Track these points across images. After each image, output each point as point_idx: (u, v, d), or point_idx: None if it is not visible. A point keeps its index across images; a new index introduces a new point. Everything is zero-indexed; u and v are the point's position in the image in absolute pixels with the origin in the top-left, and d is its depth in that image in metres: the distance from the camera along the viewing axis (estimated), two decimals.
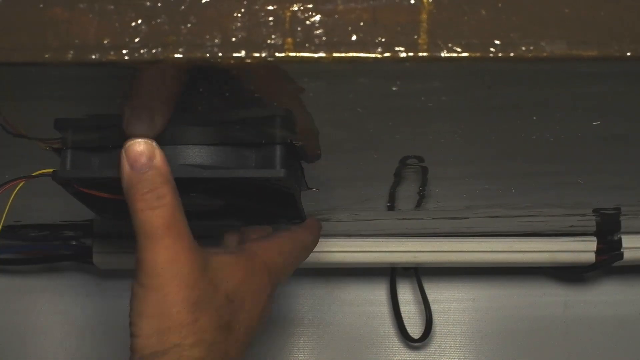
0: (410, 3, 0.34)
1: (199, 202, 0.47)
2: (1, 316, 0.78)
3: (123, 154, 0.41)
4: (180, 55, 0.34)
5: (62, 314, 0.77)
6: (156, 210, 0.41)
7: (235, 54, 0.34)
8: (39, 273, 0.78)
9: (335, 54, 0.34)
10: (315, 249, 0.69)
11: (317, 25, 0.34)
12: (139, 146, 0.41)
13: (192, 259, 0.42)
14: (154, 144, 0.41)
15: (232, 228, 0.53)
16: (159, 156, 0.41)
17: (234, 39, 0.34)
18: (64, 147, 0.44)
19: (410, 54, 0.33)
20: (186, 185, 0.43)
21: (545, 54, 0.33)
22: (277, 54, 0.34)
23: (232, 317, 0.45)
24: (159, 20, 0.34)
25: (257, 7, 0.34)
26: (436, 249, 0.70)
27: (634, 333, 0.79)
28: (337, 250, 0.69)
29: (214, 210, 0.50)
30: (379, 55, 0.33)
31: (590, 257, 0.70)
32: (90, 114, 0.41)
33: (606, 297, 0.80)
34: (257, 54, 0.34)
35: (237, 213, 0.51)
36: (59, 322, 0.77)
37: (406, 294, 0.79)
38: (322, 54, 0.34)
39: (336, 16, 0.34)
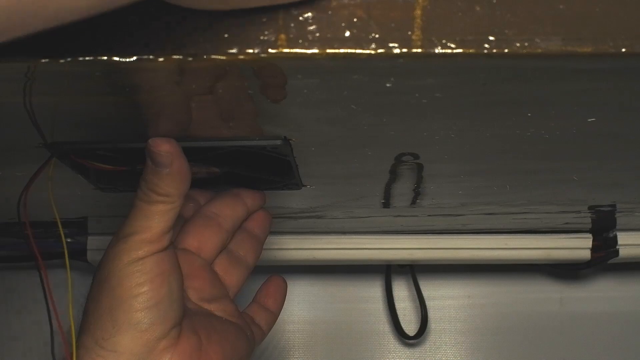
0: None
1: (196, 170, 0.48)
2: None
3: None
4: None
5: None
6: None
7: (228, 51, 0.34)
8: (33, 270, 0.78)
9: (328, 50, 0.33)
10: (310, 246, 0.69)
11: (310, 21, 0.33)
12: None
13: None
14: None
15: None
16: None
17: (226, 35, 0.34)
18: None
19: (404, 50, 0.33)
20: (186, 154, 0.44)
21: (539, 51, 0.33)
22: (270, 50, 0.34)
23: None
24: None
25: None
26: (431, 246, 0.69)
27: (630, 329, 0.79)
28: (332, 247, 0.69)
29: (211, 177, 0.50)
30: (373, 52, 0.33)
31: (586, 254, 0.70)
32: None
33: (602, 294, 0.80)
34: (250, 51, 0.34)
35: (235, 180, 0.51)
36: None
37: (401, 291, 0.79)
38: (316, 50, 0.33)
39: (330, 12, 0.33)
